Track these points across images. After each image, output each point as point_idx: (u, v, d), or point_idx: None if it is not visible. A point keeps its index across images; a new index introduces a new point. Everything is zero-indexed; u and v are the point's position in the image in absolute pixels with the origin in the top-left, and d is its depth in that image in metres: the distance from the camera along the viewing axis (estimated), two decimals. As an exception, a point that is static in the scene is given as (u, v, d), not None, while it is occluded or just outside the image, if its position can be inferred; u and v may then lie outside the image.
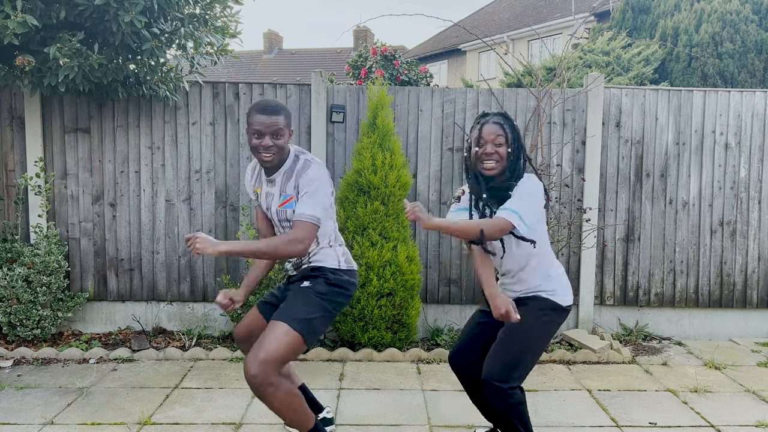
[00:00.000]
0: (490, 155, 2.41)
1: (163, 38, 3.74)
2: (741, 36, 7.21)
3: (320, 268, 2.58)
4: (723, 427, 3.11)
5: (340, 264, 2.61)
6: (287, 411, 2.46)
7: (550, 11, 18.88)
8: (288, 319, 2.43)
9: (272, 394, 2.38)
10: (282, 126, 2.44)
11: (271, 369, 2.36)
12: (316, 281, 2.55)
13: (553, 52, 8.93)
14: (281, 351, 2.38)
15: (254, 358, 2.34)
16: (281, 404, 2.42)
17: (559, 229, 4.45)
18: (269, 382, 2.35)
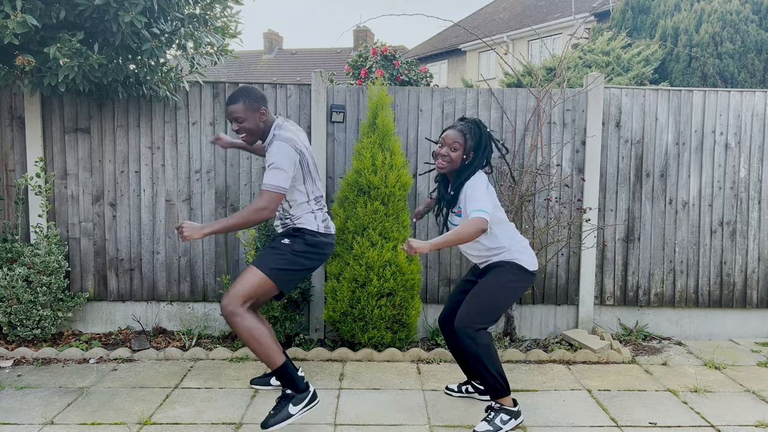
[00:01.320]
0: (443, 157, 2.91)
1: (163, 38, 3.74)
2: (741, 36, 7.21)
3: (301, 230, 3.00)
4: (723, 427, 3.11)
5: (319, 228, 3.03)
6: (254, 342, 2.82)
7: (550, 11, 18.88)
8: (259, 264, 2.90)
9: (238, 323, 2.80)
10: (240, 112, 2.89)
11: (238, 302, 2.81)
12: (295, 240, 2.99)
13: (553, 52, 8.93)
14: (248, 287, 2.84)
15: (227, 293, 2.84)
16: (248, 334, 2.81)
17: (559, 229, 4.45)
18: (236, 312, 2.80)
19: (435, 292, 4.52)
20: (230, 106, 2.91)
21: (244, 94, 2.93)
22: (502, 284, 2.96)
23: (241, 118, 2.91)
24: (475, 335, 2.86)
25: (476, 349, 2.86)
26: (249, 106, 2.91)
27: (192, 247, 4.44)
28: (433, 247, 2.68)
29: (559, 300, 4.55)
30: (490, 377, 2.90)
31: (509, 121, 4.42)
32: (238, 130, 2.93)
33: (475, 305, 2.92)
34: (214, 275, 4.45)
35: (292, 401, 2.89)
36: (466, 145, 2.90)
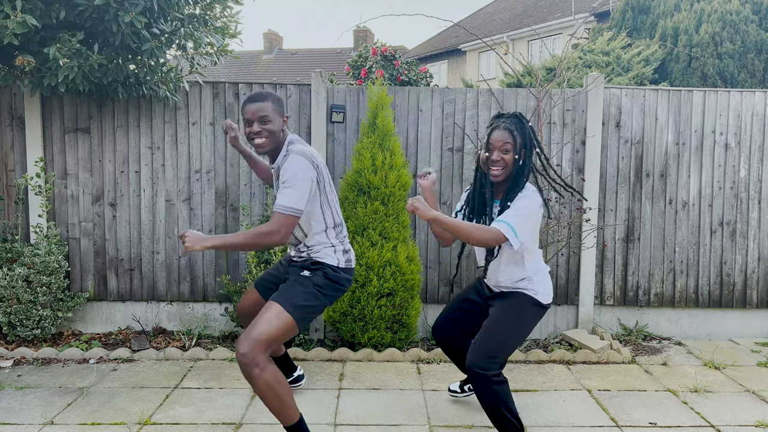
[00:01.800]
0: (496, 162, 2.59)
1: (163, 38, 3.74)
2: (741, 36, 7.20)
3: (321, 264, 2.72)
4: (723, 427, 3.11)
5: (339, 263, 2.75)
6: (271, 396, 2.50)
7: (550, 11, 18.88)
8: (284, 303, 2.57)
9: (258, 375, 2.45)
10: (268, 111, 2.61)
11: (260, 349, 2.46)
12: (315, 273, 2.70)
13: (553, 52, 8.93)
14: (272, 332, 2.50)
15: (246, 336, 2.47)
16: (266, 387, 2.48)
17: (559, 229, 4.45)
18: (256, 362, 2.44)
19: (435, 292, 4.52)
20: (258, 104, 2.61)
21: (272, 95, 2.67)
22: (522, 320, 2.72)
23: (268, 118, 2.61)
24: (491, 380, 2.59)
25: (493, 396, 2.60)
26: (277, 109, 2.65)
27: (192, 247, 4.43)
28: (437, 219, 2.47)
29: (559, 300, 4.55)
30: (505, 421, 2.66)
31: (509, 121, 4.41)
32: (259, 132, 2.62)
33: (491, 341, 2.64)
34: (214, 275, 4.45)
35: None
36: (516, 144, 2.58)
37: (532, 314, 2.76)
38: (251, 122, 2.63)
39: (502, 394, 2.62)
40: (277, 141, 2.67)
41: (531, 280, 2.75)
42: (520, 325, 2.72)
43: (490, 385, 2.59)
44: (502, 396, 2.62)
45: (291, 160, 2.57)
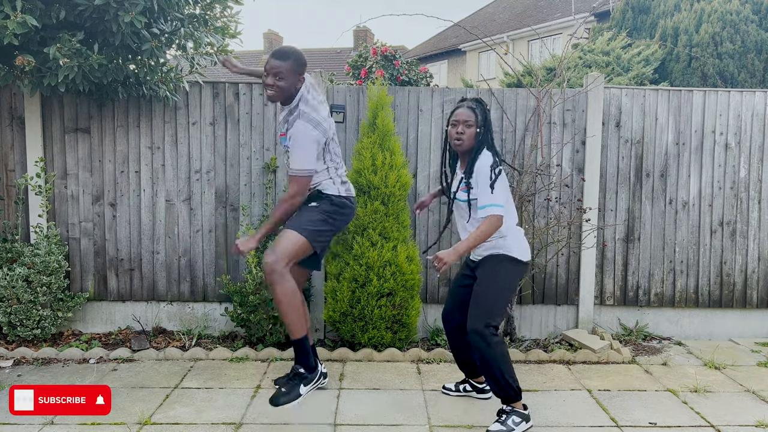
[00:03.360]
0: (460, 134, 2.96)
1: (163, 38, 3.74)
2: (741, 36, 7.20)
3: (324, 192, 3.11)
4: (723, 427, 3.11)
5: (340, 192, 3.15)
6: (287, 306, 2.90)
7: (550, 11, 18.88)
8: (295, 227, 2.98)
9: (278, 282, 2.87)
10: (283, 70, 2.89)
11: (282, 260, 2.88)
12: (322, 201, 3.09)
13: (553, 52, 8.93)
14: (290, 247, 2.92)
15: (271, 250, 2.91)
16: (283, 295, 2.89)
17: (559, 229, 4.45)
18: (279, 270, 2.86)
19: (435, 292, 4.52)
20: (278, 61, 2.90)
21: (296, 55, 2.93)
22: (502, 278, 2.98)
23: (282, 76, 2.91)
24: (488, 337, 2.87)
25: (490, 352, 2.86)
26: (295, 70, 2.93)
27: (192, 248, 4.43)
28: (461, 254, 2.80)
29: (559, 300, 4.55)
30: (503, 381, 2.89)
31: (509, 121, 4.42)
32: (272, 85, 2.92)
33: (481, 304, 2.94)
34: (214, 275, 4.45)
35: (303, 382, 2.99)
36: (477, 120, 2.97)
37: (511, 270, 3.01)
38: (268, 74, 2.92)
39: (499, 353, 2.88)
40: (286, 95, 2.97)
41: (504, 238, 2.99)
42: (501, 281, 2.99)
43: (488, 342, 2.85)
44: (499, 356, 2.87)
45: (297, 127, 2.91)
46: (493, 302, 2.95)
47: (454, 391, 3.46)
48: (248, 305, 4.06)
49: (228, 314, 4.26)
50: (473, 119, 2.96)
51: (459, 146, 2.99)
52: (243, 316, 4.12)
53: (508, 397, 2.93)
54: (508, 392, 2.91)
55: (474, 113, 2.97)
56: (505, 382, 2.89)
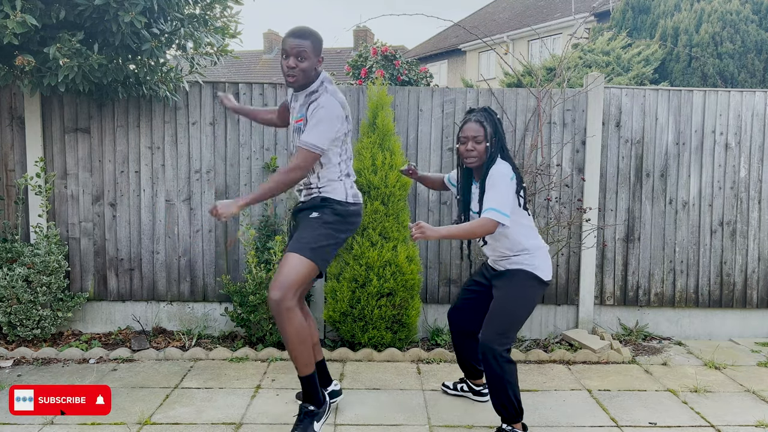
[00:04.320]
0: (470, 152, 2.86)
1: (163, 38, 3.74)
2: (741, 36, 7.20)
3: (329, 199, 2.83)
4: (723, 427, 3.11)
5: (347, 197, 2.86)
6: (297, 342, 2.70)
7: (550, 11, 18.88)
8: (299, 249, 2.72)
9: (288, 318, 2.65)
10: (306, 49, 2.69)
11: (290, 292, 2.65)
12: (323, 211, 2.81)
13: (553, 52, 8.93)
14: (296, 276, 2.68)
15: (275, 283, 2.66)
16: (294, 331, 2.68)
17: (559, 229, 4.45)
18: (288, 305, 2.64)
19: (435, 292, 4.52)
20: (297, 40, 2.68)
21: (314, 35, 2.73)
22: (523, 296, 2.88)
23: (305, 55, 2.69)
24: (500, 357, 2.78)
25: (500, 372, 2.78)
26: (315, 49, 2.73)
27: (192, 248, 4.43)
28: (441, 237, 2.69)
29: (559, 300, 4.55)
30: (507, 401, 2.82)
31: (509, 121, 4.42)
32: (294, 67, 2.68)
33: (498, 321, 2.84)
34: (214, 275, 4.44)
35: (315, 418, 2.83)
36: (487, 133, 2.85)
37: (533, 289, 2.90)
38: (288, 56, 2.70)
39: (509, 374, 2.79)
40: (308, 78, 2.75)
41: (530, 255, 2.89)
42: (523, 300, 2.88)
43: (499, 361, 2.76)
44: (508, 376, 2.79)
45: (325, 100, 2.69)
46: (510, 320, 2.85)
47: (452, 390, 3.46)
48: (248, 305, 4.06)
49: (228, 314, 4.26)
50: (482, 134, 2.84)
51: (471, 163, 2.88)
52: (243, 316, 4.12)
53: (510, 416, 2.86)
54: (510, 411, 2.84)
55: (482, 127, 2.85)
56: (509, 402, 2.82)
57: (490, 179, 2.79)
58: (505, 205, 2.73)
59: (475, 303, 3.13)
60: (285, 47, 2.72)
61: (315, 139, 2.64)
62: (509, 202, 2.77)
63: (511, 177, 2.80)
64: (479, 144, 2.85)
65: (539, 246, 2.94)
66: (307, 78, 2.75)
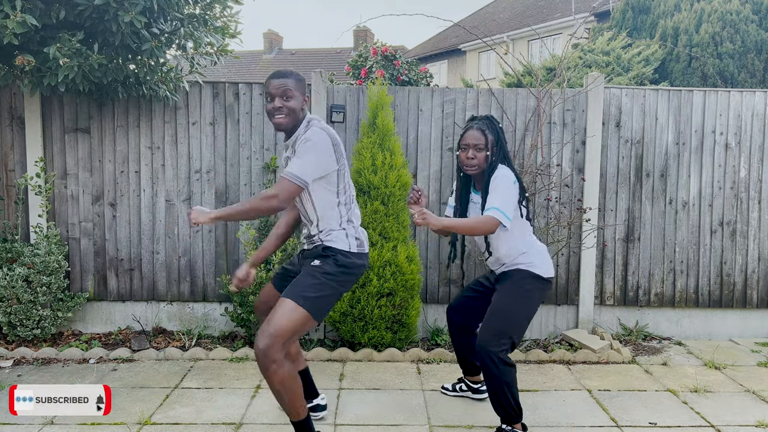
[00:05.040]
0: (470, 159, 2.86)
1: (163, 38, 3.74)
2: (741, 36, 7.20)
3: (331, 249, 2.68)
4: (723, 427, 3.11)
5: (351, 248, 2.70)
6: (285, 392, 2.55)
7: (550, 11, 18.88)
8: (296, 297, 2.55)
9: (275, 371, 2.48)
10: (290, 87, 2.63)
11: (279, 344, 2.48)
12: (326, 261, 2.67)
13: (553, 52, 8.93)
14: (289, 326, 2.51)
15: (263, 331, 2.48)
16: (281, 384, 2.52)
17: (559, 229, 4.45)
18: (274, 358, 2.47)
19: (435, 292, 4.52)
20: (280, 80, 2.64)
21: (295, 74, 2.71)
22: (522, 295, 2.85)
23: (290, 94, 2.63)
24: (499, 358, 2.72)
25: (498, 374, 2.73)
26: (299, 87, 2.68)
27: (192, 248, 4.43)
28: (443, 226, 2.68)
29: (559, 300, 4.55)
30: (505, 402, 2.79)
31: (509, 121, 4.41)
32: (281, 108, 2.62)
33: (495, 322, 2.79)
34: (214, 275, 4.44)
35: None
36: (488, 142, 2.85)
37: (534, 288, 2.88)
38: (273, 97, 2.64)
39: (508, 376, 2.75)
40: (296, 119, 2.68)
41: (527, 255, 2.90)
42: (523, 300, 2.85)
43: (496, 363, 2.72)
44: (506, 378, 2.75)
45: (312, 132, 2.60)
46: (508, 320, 2.80)
47: (452, 391, 3.46)
48: (248, 305, 4.06)
49: (228, 314, 4.26)
50: (483, 142, 2.84)
51: (472, 171, 2.89)
52: (243, 316, 4.12)
53: (509, 417, 2.83)
54: (509, 412, 2.82)
55: (484, 135, 2.85)
56: (507, 403, 2.79)
57: (494, 182, 2.79)
58: (508, 208, 2.72)
59: (475, 303, 3.14)
60: (269, 90, 2.65)
61: (297, 170, 2.51)
62: (512, 205, 2.76)
63: (514, 181, 2.81)
64: (480, 152, 2.85)
65: (536, 245, 2.97)
66: (295, 118, 2.67)
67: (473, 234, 2.79)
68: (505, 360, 2.75)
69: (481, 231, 2.72)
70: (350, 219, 2.75)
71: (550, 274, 2.93)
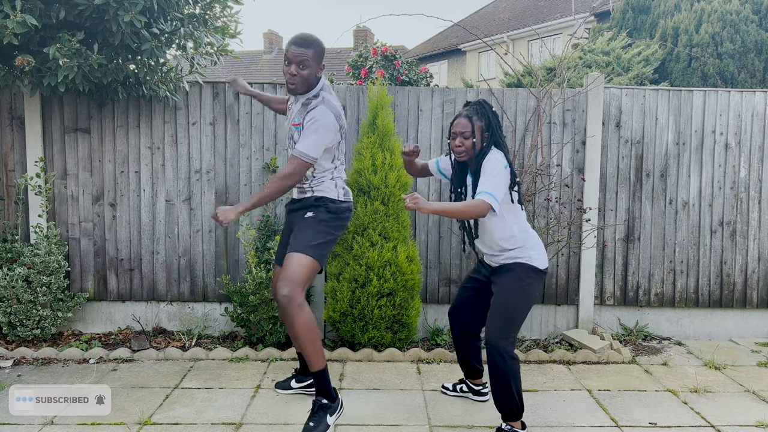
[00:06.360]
0: (458, 147, 2.92)
1: (162, 38, 3.74)
2: (741, 36, 7.20)
3: (322, 198, 2.97)
4: (723, 427, 3.11)
5: (339, 195, 3.01)
6: (307, 338, 2.80)
7: (550, 11, 18.88)
8: (300, 248, 2.85)
9: (298, 314, 2.74)
10: (308, 57, 2.80)
11: (298, 288, 2.75)
12: (318, 210, 2.95)
13: (553, 52, 8.93)
14: (303, 272, 2.80)
15: (283, 280, 2.76)
16: (303, 327, 2.77)
17: (559, 229, 4.45)
18: (297, 302, 2.74)
19: (435, 293, 4.52)
20: (301, 49, 2.79)
21: (317, 43, 2.84)
22: (523, 289, 2.89)
23: (306, 64, 2.80)
24: (505, 353, 2.78)
25: (505, 368, 2.78)
26: (317, 58, 2.84)
27: (192, 248, 4.43)
28: (433, 210, 2.69)
29: (559, 300, 4.55)
30: (510, 398, 2.82)
31: (509, 121, 4.42)
32: (295, 74, 2.80)
33: (502, 317, 2.84)
34: (214, 275, 4.44)
35: (329, 411, 2.87)
36: (474, 129, 2.88)
37: (534, 281, 2.92)
38: (291, 63, 2.81)
39: (513, 370, 2.80)
40: (308, 85, 2.87)
41: (523, 248, 2.92)
42: (522, 293, 2.89)
43: (505, 358, 2.78)
44: (512, 373, 2.80)
45: (320, 111, 2.80)
46: (513, 315, 2.86)
47: (452, 391, 3.46)
48: (248, 305, 4.06)
49: (228, 314, 4.26)
50: (469, 129, 2.87)
51: (460, 157, 2.94)
52: (243, 316, 4.13)
53: (510, 413, 2.85)
54: (511, 409, 2.84)
55: (470, 122, 2.88)
56: (512, 398, 2.82)
57: (485, 165, 2.82)
58: (498, 192, 2.76)
59: (475, 301, 3.14)
60: (288, 54, 2.81)
61: (308, 149, 2.77)
62: (503, 189, 2.80)
63: (505, 165, 2.83)
64: (467, 140, 2.89)
65: (531, 236, 2.97)
66: (307, 85, 2.87)
67: (464, 218, 2.81)
68: (512, 354, 2.80)
69: (472, 215, 2.75)
70: (339, 174, 3.05)
71: (546, 265, 2.98)
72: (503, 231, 2.91)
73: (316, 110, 2.81)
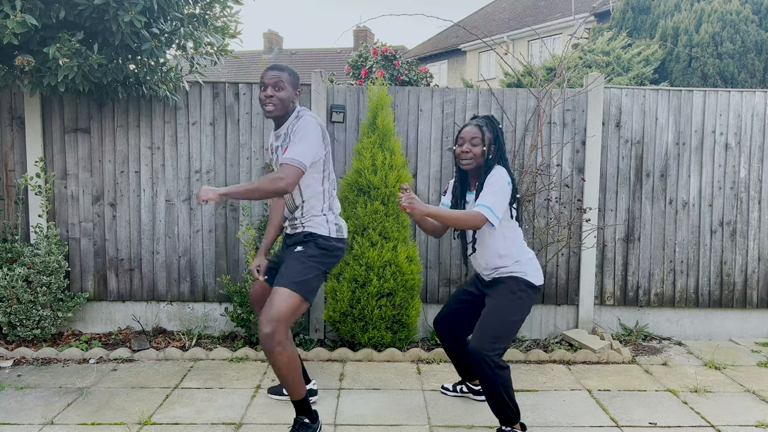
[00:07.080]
0: (465, 153, 2.88)
1: (162, 38, 3.74)
2: (741, 36, 7.20)
3: (312, 234, 2.91)
4: (723, 427, 3.11)
5: (330, 233, 2.95)
6: (288, 374, 2.75)
7: (550, 11, 18.89)
8: (287, 284, 2.77)
9: (280, 353, 2.69)
10: (283, 79, 2.84)
11: (281, 327, 2.69)
12: (307, 246, 2.90)
13: (553, 52, 8.93)
14: (287, 310, 2.73)
15: (265, 318, 2.69)
16: (286, 366, 2.73)
17: (559, 229, 4.45)
18: (279, 341, 2.68)
19: (435, 292, 4.52)
20: (275, 71, 2.86)
21: (290, 69, 2.91)
22: (515, 305, 2.86)
23: (281, 86, 2.83)
24: (492, 363, 2.74)
25: (494, 377, 2.74)
26: (292, 81, 2.89)
27: (192, 248, 4.43)
28: (428, 213, 2.67)
29: (559, 300, 4.55)
30: (504, 405, 2.81)
31: (509, 121, 4.42)
32: (272, 95, 2.82)
33: (491, 329, 2.80)
34: (214, 275, 4.44)
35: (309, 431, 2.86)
36: (485, 139, 2.87)
37: (527, 296, 2.90)
38: (266, 86, 2.84)
39: (502, 378, 2.77)
40: (285, 109, 2.87)
41: (519, 263, 2.91)
42: (515, 306, 2.87)
43: (492, 367, 2.74)
44: (502, 381, 2.77)
45: (305, 121, 2.81)
46: (502, 328, 2.82)
47: (452, 392, 3.46)
48: (248, 305, 4.06)
49: (228, 314, 4.26)
50: (480, 137, 2.85)
51: (466, 165, 2.89)
52: (243, 316, 4.12)
53: (507, 418, 2.84)
54: (507, 414, 2.83)
55: (481, 131, 2.86)
56: (505, 404, 2.81)
57: (489, 179, 2.80)
58: (498, 207, 2.74)
59: (465, 312, 3.13)
60: (263, 80, 2.86)
61: (298, 155, 2.72)
62: (504, 206, 2.78)
63: (508, 182, 2.82)
64: (475, 147, 2.86)
65: (525, 252, 2.96)
66: (284, 108, 2.86)
67: (458, 226, 2.77)
68: (500, 363, 2.76)
69: (467, 225, 2.72)
70: (331, 207, 2.98)
71: (541, 282, 2.96)
72: (502, 247, 2.90)
73: (300, 122, 2.81)
